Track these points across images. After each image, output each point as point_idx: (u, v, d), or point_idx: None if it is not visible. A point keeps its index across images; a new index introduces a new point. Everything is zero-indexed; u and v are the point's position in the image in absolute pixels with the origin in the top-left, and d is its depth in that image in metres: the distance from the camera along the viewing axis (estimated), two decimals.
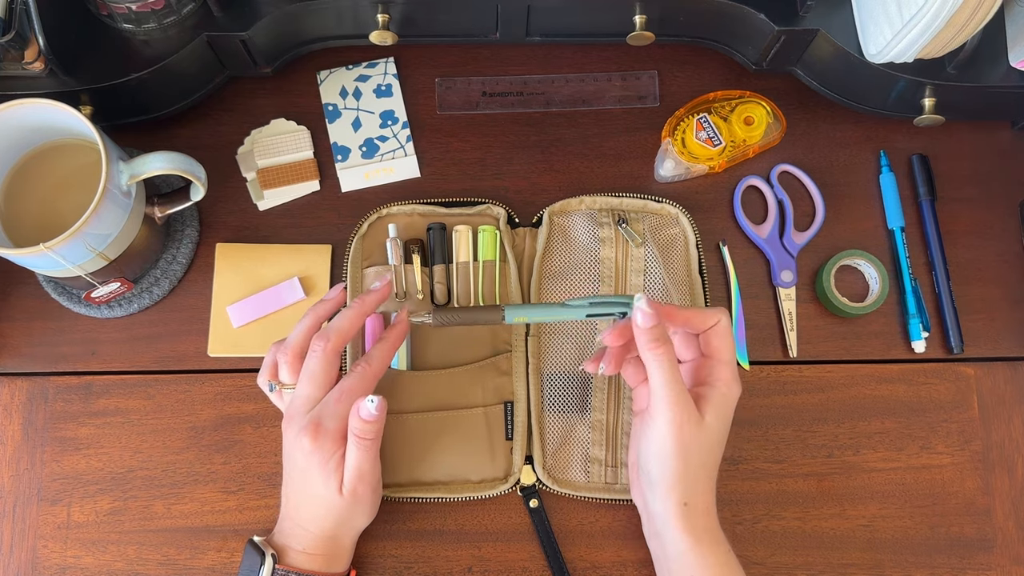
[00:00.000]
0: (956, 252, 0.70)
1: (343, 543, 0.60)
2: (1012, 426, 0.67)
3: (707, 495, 0.57)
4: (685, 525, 0.56)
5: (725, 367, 0.58)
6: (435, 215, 0.68)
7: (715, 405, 0.57)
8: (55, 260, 0.57)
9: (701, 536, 0.56)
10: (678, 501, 0.56)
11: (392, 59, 0.73)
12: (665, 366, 0.55)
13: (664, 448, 0.55)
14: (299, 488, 0.58)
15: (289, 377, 0.59)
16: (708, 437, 0.56)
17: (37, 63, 0.61)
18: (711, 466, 0.57)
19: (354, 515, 0.58)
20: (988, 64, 0.65)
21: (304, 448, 0.55)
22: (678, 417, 0.55)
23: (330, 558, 0.58)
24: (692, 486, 0.56)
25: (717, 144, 0.69)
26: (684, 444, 0.55)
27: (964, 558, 0.65)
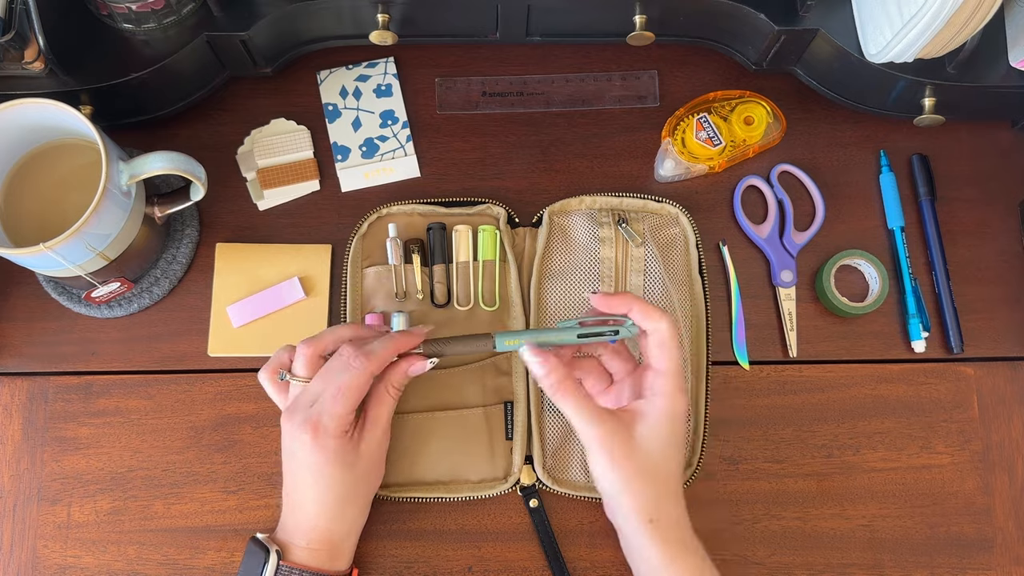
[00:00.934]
0: (956, 252, 0.70)
1: (346, 537, 0.59)
2: (1012, 426, 0.67)
3: (671, 507, 0.56)
4: (654, 541, 0.55)
5: (663, 378, 0.56)
6: (435, 215, 0.68)
7: (650, 422, 0.55)
8: (55, 260, 0.57)
9: (673, 549, 0.55)
10: (642, 520, 0.55)
11: (392, 59, 0.73)
12: (574, 403, 0.55)
13: (603, 473, 0.55)
14: (301, 480, 0.57)
15: (304, 371, 0.58)
16: (646, 457, 0.55)
17: (37, 63, 0.61)
18: (665, 480, 0.56)
19: (358, 494, 0.58)
20: (988, 64, 0.65)
21: (305, 443, 0.55)
22: (603, 443, 0.54)
23: (333, 553, 0.58)
24: (651, 503, 0.55)
25: (717, 144, 0.69)
26: (620, 469, 0.54)
27: (964, 558, 0.65)
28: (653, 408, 0.56)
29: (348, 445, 0.56)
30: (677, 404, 0.56)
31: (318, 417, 0.55)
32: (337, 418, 0.55)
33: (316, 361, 0.58)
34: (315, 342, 0.58)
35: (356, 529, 0.60)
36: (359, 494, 0.59)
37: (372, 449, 0.58)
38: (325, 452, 0.56)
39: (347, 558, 0.60)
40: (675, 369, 0.56)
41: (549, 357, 0.55)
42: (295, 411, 0.56)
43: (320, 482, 0.56)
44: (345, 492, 0.57)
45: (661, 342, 0.56)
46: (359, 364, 0.55)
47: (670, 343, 0.56)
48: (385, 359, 0.57)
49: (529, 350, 0.55)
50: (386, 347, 0.57)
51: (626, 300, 0.57)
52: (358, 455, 0.57)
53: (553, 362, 0.55)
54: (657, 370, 0.56)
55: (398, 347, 0.58)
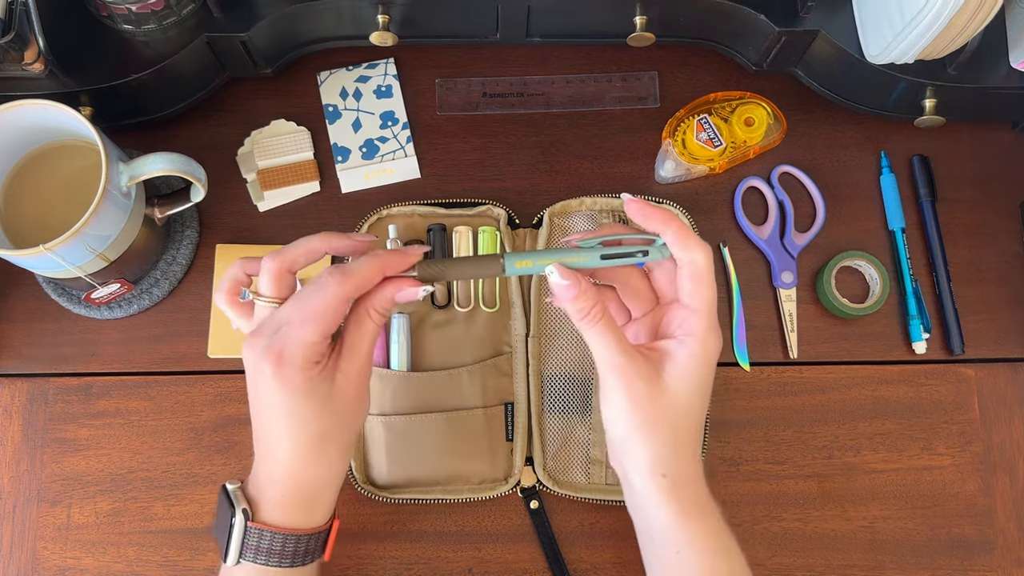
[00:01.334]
0: (957, 253, 0.70)
1: (324, 487, 0.52)
2: (1013, 427, 0.67)
3: (689, 464, 0.51)
4: (666, 498, 0.50)
5: (695, 317, 0.49)
6: (435, 216, 0.68)
7: (679, 364, 0.49)
8: (55, 261, 0.57)
9: (687, 508, 0.50)
10: (654, 473, 0.50)
11: (392, 60, 0.73)
12: (601, 333, 0.49)
13: (621, 417, 0.49)
14: (267, 420, 0.50)
15: (269, 289, 0.50)
16: (672, 401, 0.49)
17: (37, 64, 0.61)
18: (686, 431, 0.50)
19: (335, 434, 0.51)
20: (989, 65, 0.65)
21: (268, 376, 0.48)
22: (628, 382, 0.48)
23: (310, 507, 0.51)
24: (668, 456, 0.50)
25: (717, 145, 0.69)
26: (642, 412, 0.49)
27: (965, 560, 0.65)
28: (684, 349, 0.50)
29: (320, 377, 0.49)
30: (710, 346, 0.50)
31: (282, 345, 0.48)
32: (304, 346, 0.48)
33: (283, 277, 0.50)
34: (282, 255, 0.50)
35: (335, 477, 0.52)
36: (336, 435, 0.51)
37: (350, 381, 0.50)
38: (292, 386, 0.48)
39: (325, 511, 0.53)
40: (709, 307, 0.50)
41: (580, 279, 0.48)
42: (258, 337, 0.49)
43: (289, 421, 0.49)
44: (319, 432, 0.50)
45: (696, 275, 0.49)
46: (332, 283, 0.48)
47: (706, 277, 0.49)
48: (365, 280, 0.49)
49: (558, 270, 0.48)
50: (368, 266, 0.49)
51: (664, 217, 0.50)
52: (333, 389, 0.49)
53: (584, 284, 0.49)
54: (689, 308, 0.50)
55: (383, 267, 0.49)
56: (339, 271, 0.48)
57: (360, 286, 0.49)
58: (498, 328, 0.67)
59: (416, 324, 0.66)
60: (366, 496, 0.64)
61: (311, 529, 0.52)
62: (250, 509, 0.51)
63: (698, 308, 0.50)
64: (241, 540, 0.50)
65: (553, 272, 0.49)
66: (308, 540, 0.51)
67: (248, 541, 0.50)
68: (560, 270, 0.49)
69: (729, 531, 0.52)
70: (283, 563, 0.51)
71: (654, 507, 0.50)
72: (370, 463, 0.64)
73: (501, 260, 0.50)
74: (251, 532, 0.50)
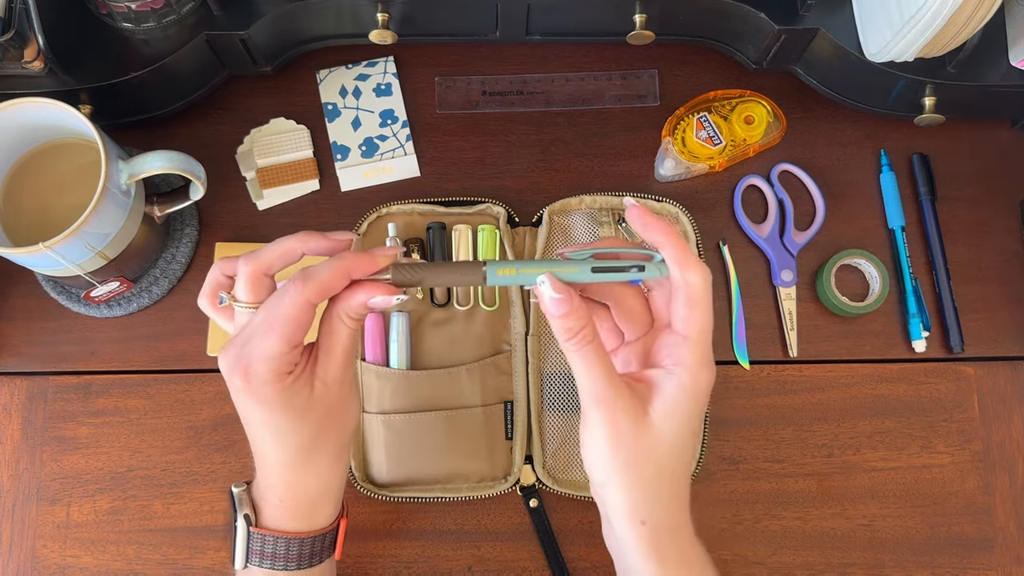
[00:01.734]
0: (956, 251, 0.70)
1: (324, 492, 0.51)
2: (1012, 426, 0.67)
3: (673, 511, 0.47)
4: (645, 548, 0.46)
5: (690, 346, 0.45)
6: (435, 214, 0.68)
7: (666, 398, 0.45)
8: (54, 259, 0.57)
9: (667, 559, 0.46)
10: (632, 519, 0.46)
11: (392, 58, 0.73)
12: (588, 358, 0.44)
13: (601, 458, 0.45)
14: (253, 432, 0.48)
15: (245, 294, 0.47)
16: (657, 440, 0.45)
17: (36, 62, 0.61)
18: (671, 474, 0.46)
19: (322, 442, 0.48)
20: (988, 63, 0.65)
21: (239, 391, 0.46)
22: (612, 417, 0.44)
23: (310, 510, 0.50)
24: (650, 501, 0.46)
25: (717, 143, 0.69)
26: (624, 452, 0.45)
27: (965, 558, 0.65)
28: (672, 382, 0.45)
29: (294, 388, 0.46)
30: (701, 380, 0.45)
31: (248, 359, 0.45)
32: (269, 359, 0.45)
33: (259, 281, 0.47)
34: (257, 258, 0.47)
35: (334, 481, 0.51)
36: (323, 443, 0.49)
37: (329, 388, 0.47)
38: (264, 400, 0.46)
39: (328, 513, 0.52)
40: (703, 336, 0.45)
41: (573, 295, 0.44)
42: (230, 347, 0.46)
43: (272, 434, 0.47)
44: (304, 442, 0.48)
45: (692, 299, 0.45)
46: (293, 290, 0.45)
47: (703, 302, 0.45)
48: (326, 285, 0.45)
49: (551, 282, 0.44)
50: (331, 270, 0.45)
51: (665, 230, 0.45)
52: (312, 398, 0.47)
53: (577, 302, 0.44)
54: (681, 335, 0.45)
55: (347, 271, 0.45)
56: (301, 276, 0.45)
57: (322, 291, 0.45)
58: (498, 326, 0.67)
59: (415, 322, 0.66)
60: (365, 494, 0.64)
61: (315, 531, 0.51)
62: (252, 514, 0.50)
63: (690, 336, 0.45)
64: (246, 545, 0.50)
65: (545, 283, 0.44)
66: (313, 543, 0.51)
67: (252, 546, 0.50)
68: (553, 282, 0.44)
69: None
70: (289, 566, 0.50)
71: (632, 555, 0.46)
72: (369, 461, 0.64)
73: (483, 268, 0.45)
74: (254, 537, 0.50)
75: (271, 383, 0.45)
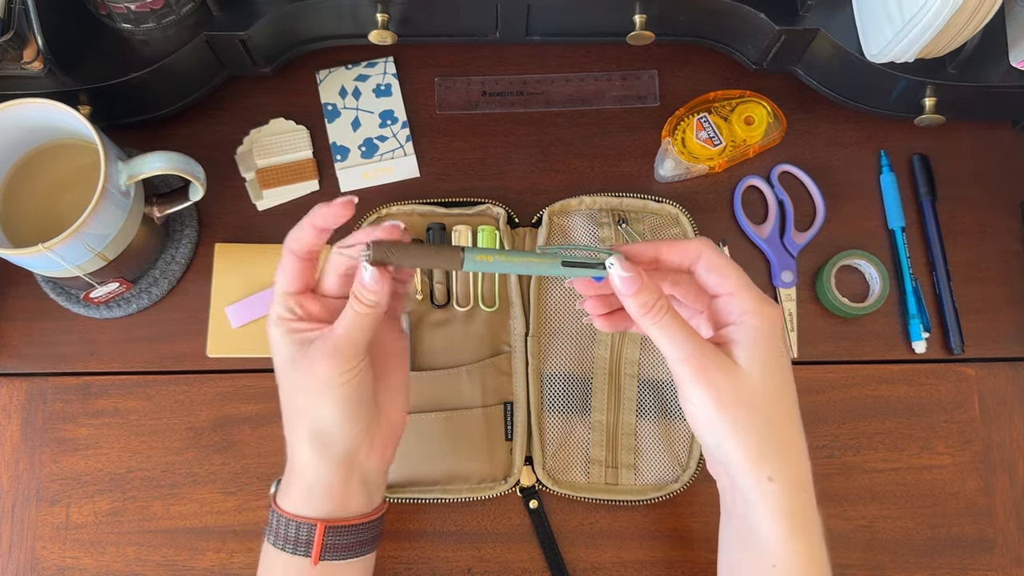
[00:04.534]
0: (957, 252, 0.70)
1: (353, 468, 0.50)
2: (1013, 426, 0.67)
3: (797, 464, 0.47)
4: (775, 510, 0.46)
5: (739, 296, 0.47)
6: (434, 215, 0.68)
7: (748, 344, 0.46)
8: (54, 260, 0.57)
9: (798, 526, 0.46)
10: (759, 477, 0.45)
11: (391, 58, 0.73)
12: (668, 328, 0.45)
13: (707, 414, 0.45)
14: (286, 399, 0.50)
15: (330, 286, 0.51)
16: (756, 385, 0.45)
17: (36, 63, 0.60)
18: (781, 421, 0.46)
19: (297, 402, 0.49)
20: (989, 64, 0.65)
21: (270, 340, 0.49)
22: (705, 373, 0.45)
23: (342, 494, 0.50)
24: (772, 452, 0.46)
25: (717, 144, 0.69)
26: (729, 407, 0.45)
27: (965, 559, 0.65)
28: (745, 328, 0.46)
29: (293, 335, 0.48)
30: (768, 315, 0.46)
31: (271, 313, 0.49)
32: (274, 300, 0.49)
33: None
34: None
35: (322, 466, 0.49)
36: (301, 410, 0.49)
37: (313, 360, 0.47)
38: (270, 338, 0.49)
39: (361, 501, 0.51)
40: (744, 283, 0.47)
41: (642, 272, 0.45)
42: None
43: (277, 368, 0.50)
44: (289, 398, 0.49)
45: (712, 266, 0.47)
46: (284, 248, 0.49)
47: (720, 261, 0.47)
48: (301, 236, 0.48)
49: (619, 263, 0.45)
50: (305, 220, 0.48)
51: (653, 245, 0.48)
52: (304, 354, 0.48)
53: (647, 278, 0.45)
54: (727, 293, 0.47)
55: (313, 221, 0.48)
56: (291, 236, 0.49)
57: (300, 242, 0.48)
58: (497, 327, 0.67)
59: (415, 323, 0.66)
60: None
61: (304, 518, 0.50)
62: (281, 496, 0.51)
63: (734, 289, 0.47)
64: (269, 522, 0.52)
65: (614, 264, 0.45)
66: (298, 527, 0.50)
67: (270, 523, 0.51)
68: (621, 262, 0.45)
69: (826, 547, 0.48)
70: (287, 548, 0.50)
71: (763, 519, 0.46)
72: None
73: (461, 254, 0.46)
74: (278, 520, 0.51)
75: (280, 315, 0.49)
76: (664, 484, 0.65)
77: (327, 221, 0.48)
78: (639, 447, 0.65)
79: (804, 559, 0.47)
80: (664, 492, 0.64)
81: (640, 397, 0.66)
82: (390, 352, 0.53)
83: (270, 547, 0.51)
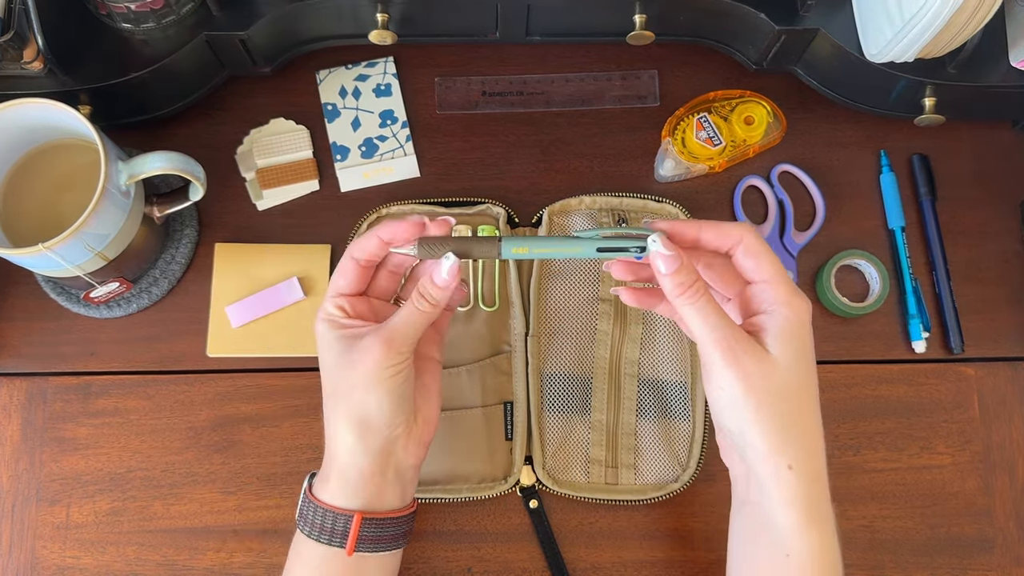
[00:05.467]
0: (957, 252, 0.70)
1: (390, 459, 0.51)
2: (1013, 426, 0.67)
3: (815, 455, 0.47)
4: (792, 498, 0.46)
5: (774, 286, 0.47)
6: (435, 215, 0.68)
7: (778, 333, 0.46)
8: (54, 260, 0.57)
9: (813, 516, 0.47)
10: (779, 465, 0.46)
11: (391, 58, 0.73)
12: (703, 309, 0.46)
13: (736, 401, 0.46)
14: (330, 388, 0.51)
15: None
16: (784, 374, 0.46)
17: (36, 63, 0.60)
18: (805, 412, 0.47)
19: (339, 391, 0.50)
20: (989, 64, 0.65)
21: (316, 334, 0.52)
22: (736, 359, 0.45)
23: (378, 486, 0.51)
24: (794, 443, 0.46)
25: (717, 144, 0.69)
26: (756, 393, 0.45)
27: (965, 559, 0.65)
28: (777, 318, 0.47)
29: (342, 330, 0.51)
30: (800, 308, 0.47)
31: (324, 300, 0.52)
32: (327, 298, 0.52)
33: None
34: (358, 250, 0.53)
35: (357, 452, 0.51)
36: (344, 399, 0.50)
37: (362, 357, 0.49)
38: (318, 333, 0.51)
39: (394, 494, 0.52)
40: (779, 273, 0.48)
41: (682, 252, 0.46)
42: None
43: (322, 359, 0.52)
44: (329, 384, 0.51)
45: (751, 250, 0.48)
46: (347, 251, 0.52)
47: (762, 249, 0.48)
48: (366, 246, 0.51)
49: (662, 242, 0.46)
50: (373, 231, 0.51)
51: (695, 225, 0.49)
52: (353, 349, 0.50)
53: (686, 259, 0.46)
54: (762, 281, 0.48)
55: (380, 233, 0.51)
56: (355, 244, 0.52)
57: (363, 249, 0.51)
58: (497, 327, 0.67)
59: None
60: None
61: (341, 509, 0.51)
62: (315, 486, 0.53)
63: (769, 278, 0.48)
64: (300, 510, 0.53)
65: (656, 242, 0.46)
66: (336, 518, 0.51)
67: (303, 511, 0.53)
68: (664, 241, 0.46)
69: (839, 543, 0.49)
70: (322, 539, 0.51)
71: (779, 507, 0.47)
72: None
73: (498, 244, 0.49)
74: (308, 506, 0.52)
75: (330, 307, 0.51)
76: (664, 484, 0.65)
77: (394, 235, 0.50)
78: (639, 447, 0.65)
79: (817, 549, 0.47)
80: (664, 492, 0.64)
81: (640, 397, 0.66)
82: (428, 356, 0.55)
83: (303, 537, 0.52)
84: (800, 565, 0.47)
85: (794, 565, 0.47)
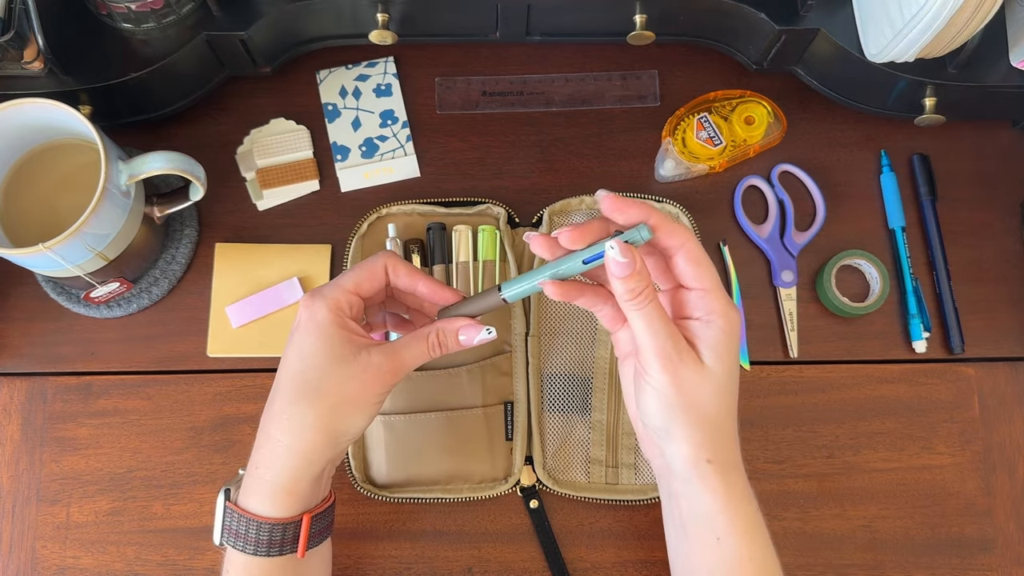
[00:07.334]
0: (957, 252, 0.70)
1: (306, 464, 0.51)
2: (1013, 426, 0.67)
3: (732, 449, 0.51)
4: (715, 483, 0.50)
5: (714, 296, 0.49)
6: (435, 215, 0.68)
7: (714, 345, 0.49)
8: (54, 260, 0.57)
9: (735, 495, 0.50)
10: (699, 459, 0.50)
11: (392, 58, 0.73)
12: (649, 316, 0.48)
13: (667, 404, 0.49)
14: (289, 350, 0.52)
15: None
16: (714, 384, 0.49)
17: (36, 63, 0.60)
18: (727, 415, 0.51)
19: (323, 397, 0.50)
20: (989, 64, 0.65)
21: (302, 306, 0.52)
22: (673, 368, 0.48)
23: (325, 483, 0.54)
24: (713, 440, 0.50)
25: (717, 144, 0.69)
26: (686, 398, 0.49)
27: (965, 559, 0.65)
28: (714, 329, 0.49)
29: (343, 335, 0.51)
30: (734, 321, 0.50)
31: (322, 289, 0.52)
32: (337, 287, 0.52)
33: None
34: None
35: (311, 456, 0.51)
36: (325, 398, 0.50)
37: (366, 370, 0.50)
38: (310, 315, 0.51)
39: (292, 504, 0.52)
40: (717, 284, 0.50)
41: (637, 259, 0.47)
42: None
43: (289, 355, 0.51)
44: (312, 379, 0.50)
45: (693, 259, 0.49)
46: (380, 255, 0.54)
47: (702, 256, 0.50)
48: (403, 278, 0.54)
49: (619, 247, 0.47)
50: (410, 271, 0.54)
51: (643, 209, 0.49)
52: (355, 360, 0.50)
53: (640, 265, 0.47)
54: (700, 289, 0.50)
55: (414, 284, 0.54)
56: (389, 253, 0.54)
57: (396, 272, 0.54)
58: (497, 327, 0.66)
59: None
60: (365, 495, 0.64)
61: (280, 519, 0.51)
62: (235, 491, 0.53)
63: (708, 287, 0.50)
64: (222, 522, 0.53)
65: (614, 248, 0.47)
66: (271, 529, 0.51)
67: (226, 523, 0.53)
68: (621, 247, 0.47)
69: (763, 520, 0.52)
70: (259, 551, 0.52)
71: (700, 493, 0.50)
72: (369, 462, 0.64)
73: (499, 293, 0.52)
74: (229, 515, 0.53)
75: (328, 307, 0.51)
76: None
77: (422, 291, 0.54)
78: (639, 447, 0.65)
79: (743, 525, 0.51)
80: None
81: None
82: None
83: (248, 558, 0.52)
84: (730, 545, 0.51)
85: (726, 546, 0.51)
